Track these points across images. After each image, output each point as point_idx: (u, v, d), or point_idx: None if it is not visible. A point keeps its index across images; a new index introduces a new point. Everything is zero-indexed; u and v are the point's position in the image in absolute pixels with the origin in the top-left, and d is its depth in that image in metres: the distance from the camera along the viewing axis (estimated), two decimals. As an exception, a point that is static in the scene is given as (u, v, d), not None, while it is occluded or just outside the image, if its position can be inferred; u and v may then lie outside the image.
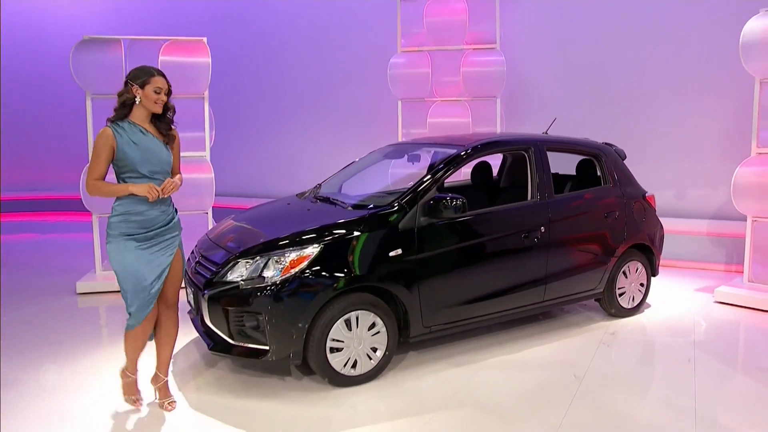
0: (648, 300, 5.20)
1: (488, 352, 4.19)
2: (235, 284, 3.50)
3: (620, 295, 4.88)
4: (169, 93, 3.24)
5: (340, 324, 3.51)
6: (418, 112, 7.27)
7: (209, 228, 6.30)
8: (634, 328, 4.73)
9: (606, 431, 3.14)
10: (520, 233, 4.18)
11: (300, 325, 3.40)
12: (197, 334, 4.48)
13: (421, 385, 3.66)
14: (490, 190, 5.26)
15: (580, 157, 5.08)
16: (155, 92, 3.15)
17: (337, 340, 3.52)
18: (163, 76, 3.20)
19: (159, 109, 3.20)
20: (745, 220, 6.52)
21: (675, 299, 5.52)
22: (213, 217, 6.39)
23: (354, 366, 3.60)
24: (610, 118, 7.13)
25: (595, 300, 4.88)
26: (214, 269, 3.68)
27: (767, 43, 5.14)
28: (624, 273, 4.86)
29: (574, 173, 5.13)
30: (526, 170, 4.68)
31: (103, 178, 3.14)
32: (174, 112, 3.33)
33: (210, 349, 3.61)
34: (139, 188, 3.10)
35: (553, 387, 3.64)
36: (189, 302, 4.14)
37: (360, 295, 3.57)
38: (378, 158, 5.04)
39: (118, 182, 3.21)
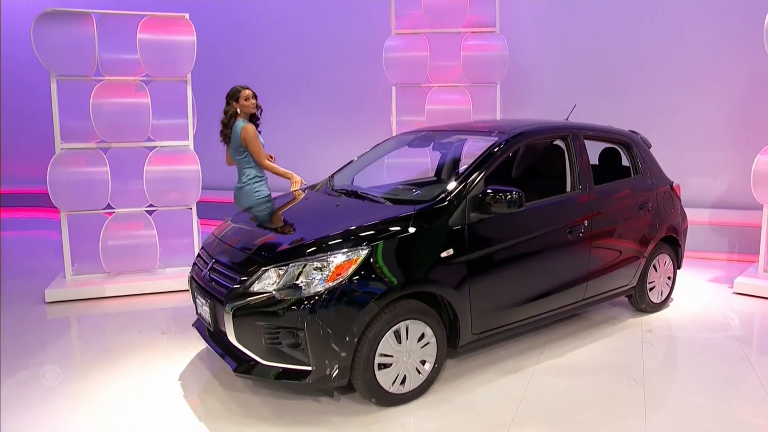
0: (668, 293, 5.00)
1: (531, 356, 3.85)
2: (268, 295, 3.00)
3: (650, 289, 4.65)
4: (255, 96, 4.69)
5: (389, 336, 3.07)
6: (414, 98, 6.84)
7: (193, 226, 5.73)
8: (668, 324, 4.51)
9: (695, 446, 2.86)
10: (565, 228, 3.85)
11: (348, 340, 2.94)
12: (202, 348, 4.00)
13: (476, 399, 3.28)
14: (508, 182, 4.91)
15: (599, 146, 4.81)
16: (245, 100, 4.62)
17: (386, 355, 3.08)
18: (249, 88, 4.68)
19: (252, 111, 4.66)
20: (744, 210, 6.52)
21: (693, 292, 5.35)
22: (197, 213, 5.79)
23: (403, 382, 3.18)
24: (610, 106, 6.91)
25: (626, 296, 4.62)
26: (236, 277, 3.16)
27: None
28: (654, 267, 4.63)
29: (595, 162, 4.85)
30: (552, 160, 4.39)
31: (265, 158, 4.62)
32: (261, 110, 4.75)
33: (235, 371, 3.10)
34: (295, 176, 4.65)
35: (616, 394, 3.33)
36: (198, 314, 3.62)
37: (410, 303, 3.14)
38: (396, 147, 4.60)
39: (254, 163, 4.67)
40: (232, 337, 3.08)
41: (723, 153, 6.64)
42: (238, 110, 4.58)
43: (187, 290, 3.83)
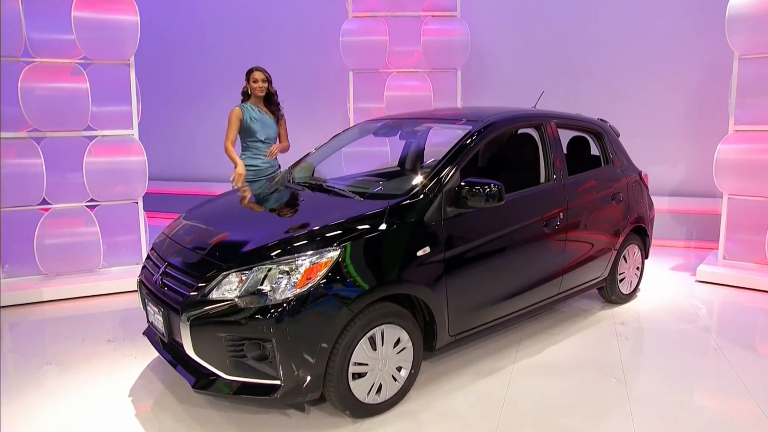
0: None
1: (507, 356, 3.70)
2: (230, 303, 2.70)
3: (621, 280, 4.58)
4: (267, 80, 4.73)
5: (363, 343, 2.83)
6: (372, 84, 6.57)
7: (140, 221, 5.32)
8: (638, 316, 4.46)
9: (684, 448, 2.77)
10: (542, 221, 3.70)
11: (320, 350, 2.69)
12: (154, 357, 3.67)
13: (456, 405, 3.09)
14: (476, 173, 4.73)
15: (567, 135, 4.68)
16: (254, 82, 4.68)
17: (361, 364, 2.85)
18: (261, 70, 4.71)
19: (260, 93, 4.71)
20: (702, 197, 6.60)
21: (658, 281, 5.35)
22: (144, 206, 5.37)
23: (378, 391, 2.96)
24: (569, 93, 6.87)
25: (597, 288, 4.54)
26: (193, 283, 2.85)
27: (754, 18, 4.98)
28: (624, 258, 4.57)
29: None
30: (522, 149, 4.22)
31: (234, 143, 4.67)
32: (276, 95, 4.84)
33: (194, 387, 2.80)
34: (239, 168, 4.61)
35: (599, 394, 3.21)
36: (150, 322, 3.28)
37: (385, 306, 2.91)
38: (360, 136, 4.34)
39: (243, 144, 4.78)
40: (189, 350, 2.78)
41: (682, 141, 6.68)
42: (249, 90, 4.71)
43: (136, 291, 3.48)
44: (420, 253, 3.01)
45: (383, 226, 2.95)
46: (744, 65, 5.19)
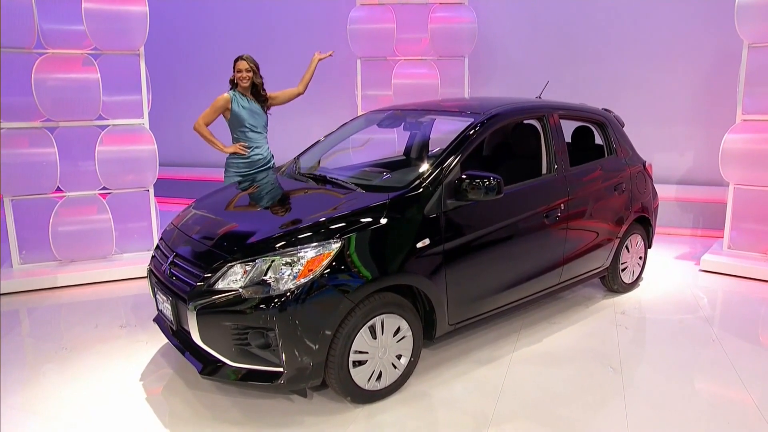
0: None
1: (507, 344, 3.78)
2: (235, 293, 2.80)
3: (623, 270, 4.63)
4: (251, 71, 4.57)
5: (364, 332, 2.93)
6: (380, 71, 6.59)
7: (151, 208, 5.44)
8: (640, 305, 4.51)
9: (675, 437, 2.84)
10: (543, 212, 3.75)
11: (321, 339, 2.79)
12: (164, 343, 3.80)
13: (454, 394, 3.18)
14: (479, 162, 4.77)
15: (571, 125, 4.70)
16: (238, 72, 4.56)
17: (361, 352, 2.94)
18: (246, 59, 4.56)
19: (244, 84, 4.57)
20: (708, 186, 6.59)
21: (661, 270, 5.38)
22: (155, 193, 5.48)
23: (378, 378, 3.05)
24: (577, 80, 6.85)
25: (599, 277, 4.59)
26: (199, 274, 2.95)
27: (764, 6, 4.93)
28: (626, 247, 4.61)
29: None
30: (525, 140, 4.24)
31: (208, 125, 4.56)
32: (262, 85, 4.68)
33: (201, 374, 2.91)
34: (231, 148, 4.64)
35: (596, 384, 3.29)
36: (159, 310, 3.40)
37: (385, 296, 2.99)
38: (365, 126, 4.39)
39: (233, 137, 4.68)
40: (196, 338, 2.88)
41: (689, 129, 6.65)
42: (236, 80, 4.59)
43: (146, 277, 3.60)
44: (420, 244, 3.08)
45: (384, 219, 3.02)
46: (753, 53, 5.15)
